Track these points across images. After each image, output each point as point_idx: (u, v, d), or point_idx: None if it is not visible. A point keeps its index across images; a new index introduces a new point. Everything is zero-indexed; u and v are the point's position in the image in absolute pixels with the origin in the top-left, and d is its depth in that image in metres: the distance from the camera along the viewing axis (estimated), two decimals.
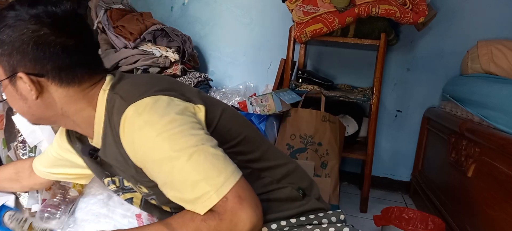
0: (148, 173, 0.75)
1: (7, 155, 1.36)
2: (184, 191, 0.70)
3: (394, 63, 2.38)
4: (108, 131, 0.77)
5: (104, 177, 0.93)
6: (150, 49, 2.01)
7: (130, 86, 0.78)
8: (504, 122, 1.38)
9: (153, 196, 0.84)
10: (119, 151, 0.76)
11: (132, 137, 0.71)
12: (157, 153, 0.69)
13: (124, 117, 0.71)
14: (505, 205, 1.22)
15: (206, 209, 0.68)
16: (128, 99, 0.73)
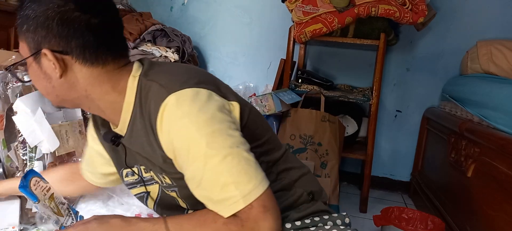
0: (177, 164, 0.74)
1: (7, 155, 1.35)
2: (211, 190, 0.70)
3: (394, 63, 2.38)
4: (138, 118, 0.76)
5: (123, 167, 0.90)
6: (150, 50, 2.01)
7: (168, 74, 0.75)
8: (504, 122, 1.38)
9: (175, 188, 0.81)
10: (148, 139, 0.75)
11: (170, 126, 0.69)
12: (193, 148, 0.68)
13: (164, 105, 0.69)
14: (504, 205, 1.23)
15: (230, 213, 0.68)
16: (168, 87, 0.71)
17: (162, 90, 0.71)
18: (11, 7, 1.87)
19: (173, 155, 0.73)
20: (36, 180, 0.79)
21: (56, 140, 1.35)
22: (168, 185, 0.81)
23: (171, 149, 0.72)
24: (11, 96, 1.35)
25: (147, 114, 0.73)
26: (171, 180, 0.80)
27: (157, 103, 0.70)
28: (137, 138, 0.78)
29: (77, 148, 1.43)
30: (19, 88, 1.36)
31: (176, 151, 0.71)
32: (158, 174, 0.81)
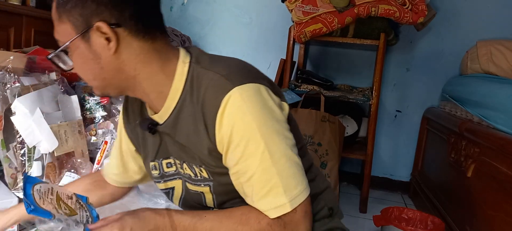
0: (226, 158, 0.72)
1: (6, 155, 1.35)
2: (260, 189, 0.69)
3: (394, 63, 2.38)
4: (187, 106, 0.73)
5: (151, 159, 0.86)
6: None
7: (226, 66, 0.73)
8: (504, 122, 1.38)
9: (210, 183, 0.78)
10: (196, 128, 0.72)
11: (233, 121, 0.67)
12: (252, 145, 0.68)
13: (228, 96, 0.67)
14: (504, 205, 1.22)
15: (276, 215, 0.69)
16: (231, 80, 0.68)
17: (225, 82, 0.68)
18: (11, 7, 1.87)
19: (226, 148, 0.70)
20: (37, 190, 0.72)
21: (55, 140, 1.34)
22: (203, 178, 0.78)
23: (225, 142, 0.69)
24: (10, 97, 1.35)
25: (199, 103, 0.71)
26: (208, 174, 0.77)
27: (218, 94, 0.68)
28: (182, 126, 0.75)
29: (76, 148, 1.43)
30: (18, 88, 1.36)
31: (232, 144, 0.69)
32: (195, 166, 0.78)
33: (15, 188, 1.34)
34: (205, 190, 0.80)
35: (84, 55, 0.71)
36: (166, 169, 0.85)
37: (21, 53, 1.52)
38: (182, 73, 0.74)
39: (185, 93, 0.73)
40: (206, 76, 0.71)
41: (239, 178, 0.71)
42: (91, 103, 1.60)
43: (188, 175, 0.80)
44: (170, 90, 0.74)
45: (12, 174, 1.36)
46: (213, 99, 0.68)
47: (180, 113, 0.75)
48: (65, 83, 1.58)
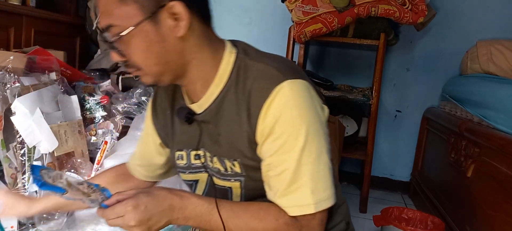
0: (261, 147, 0.72)
1: (6, 155, 1.35)
2: (288, 185, 0.69)
3: (394, 63, 2.38)
4: (231, 94, 0.73)
5: (182, 147, 0.85)
6: None
7: (275, 60, 0.74)
8: (504, 122, 1.38)
9: (241, 178, 0.77)
10: (239, 117, 0.72)
11: (280, 111, 0.67)
12: (292, 139, 0.68)
13: (279, 88, 0.67)
14: (504, 205, 1.22)
15: (297, 214, 0.69)
16: (283, 72, 0.69)
17: (277, 73, 0.69)
18: (11, 7, 1.87)
19: (265, 137, 0.70)
20: (46, 173, 0.70)
21: (54, 140, 1.34)
22: (234, 173, 0.77)
23: (266, 131, 0.69)
24: (10, 97, 1.35)
25: (246, 92, 0.71)
26: (241, 168, 0.76)
27: (269, 84, 0.68)
28: (224, 114, 0.75)
29: (76, 148, 1.43)
30: (18, 88, 1.36)
31: (273, 135, 0.69)
32: (227, 160, 0.77)
33: (15, 188, 1.34)
34: (234, 185, 0.79)
35: (149, 38, 0.68)
36: (193, 161, 0.84)
37: (21, 53, 1.52)
38: (228, 63, 0.75)
39: (230, 82, 0.74)
40: (255, 67, 0.72)
41: (270, 170, 0.71)
42: (91, 103, 1.60)
43: (217, 169, 0.79)
44: (215, 78, 0.74)
45: (12, 174, 1.36)
46: (262, 89, 0.68)
47: (223, 101, 0.75)
48: (65, 83, 1.58)
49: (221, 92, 0.75)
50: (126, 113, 1.64)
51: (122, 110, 1.64)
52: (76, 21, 2.32)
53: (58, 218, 1.27)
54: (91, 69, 2.05)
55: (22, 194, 0.80)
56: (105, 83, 1.77)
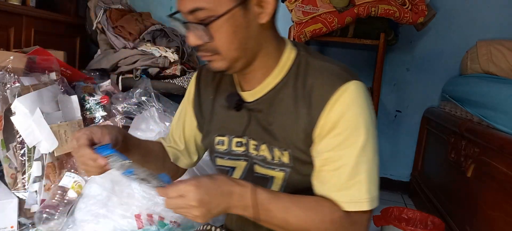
0: (318, 143, 0.74)
1: (6, 155, 1.35)
2: (345, 181, 0.71)
3: (394, 63, 2.38)
4: (289, 87, 0.76)
5: (224, 133, 0.86)
6: (150, 50, 2.01)
7: (338, 62, 0.78)
8: (504, 122, 1.38)
9: (287, 169, 0.79)
10: (296, 110, 0.75)
11: (345, 108, 0.71)
12: (353, 137, 0.71)
13: (346, 86, 0.71)
14: (504, 205, 1.22)
15: (352, 209, 0.71)
16: (349, 72, 0.74)
17: (343, 72, 0.73)
18: (11, 7, 1.87)
19: (325, 133, 0.72)
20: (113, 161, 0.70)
21: (54, 140, 1.35)
22: (280, 163, 0.79)
23: (328, 127, 0.72)
24: (10, 97, 1.35)
25: (306, 87, 0.74)
26: (290, 159, 0.78)
27: (335, 82, 0.72)
28: (278, 105, 0.77)
29: None
30: (18, 88, 1.36)
31: (334, 131, 0.71)
32: (277, 149, 0.79)
33: (15, 188, 1.34)
34: (277, 175, 0.81)
35: (237, 23, 0.71)
36: (234, 147, 0.85)
37: (21, 53, 1.52)
38: (289, 58, 0.78)
39: (289, 75, 0.77)
40: (318, 65, 0.76)
41: (327, 165, 0.73)
42: (91, 103, 1.60)
43: (263, 157, 0.81)
44: (274, 70, 0.78)
45: (12, 174, 1.36)
46: (328, 85, 0.72)
47: (279, 93, 0.78)
48: (65, 83, 1.58)
49: (278, 84, 0.78)
50: (126, 113, 1.64)
51: (122, 110, 1.64)
52: (76, 21, 2.32)
53: (58, 218, 1.27)
54: (91, 69, 2.05)
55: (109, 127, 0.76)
56: (105, 83, 1.77)
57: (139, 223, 1.26)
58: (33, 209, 1.34)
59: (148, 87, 1.72)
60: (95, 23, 2.11)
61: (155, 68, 1.99)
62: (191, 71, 2.16)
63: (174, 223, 1.32)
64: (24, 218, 1.33)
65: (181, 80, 2.03)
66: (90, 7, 2.16)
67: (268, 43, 0.77)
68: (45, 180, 1.36)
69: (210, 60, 0.76)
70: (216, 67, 0.76)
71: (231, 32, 0.71)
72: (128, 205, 1.29)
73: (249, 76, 0.80)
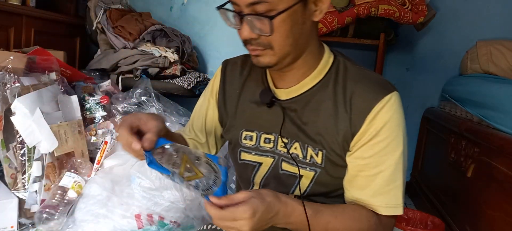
0: (357, 148, 0.76)
1: (6, 155, 1.35)
2: (383, 186, 0.75)
3: (394, 63, 2.38)
4: (328, 89, 0.79)
5: (253, 128, 0.87)
6: (150, 50, 2.01)
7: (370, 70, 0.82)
8: (503, 122, 1.38)
9: (318, 169, 0.80)
10: (336, 113, 0.77)
11: (388, 118, 0.74)
12: (393, 145, 0.75)
13: (389, 97, 0.74)
14: (504, 205, 1.22)
15: (388, 213, 0.75)
16: (388, 82, 0.78)
17: (386, 83, 0.78)
18: (11, 7, 1.87)
19: (366, 140, 0.75)
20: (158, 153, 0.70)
21: (54, 140, 1.35)
22: (312, 163, 0.80)
23: (370, 134, 0.75)
24: (10, 97, 1.35)
25: (347, 92, 0.77)
26: (323, 160, 0.80)
27: (378, 91, 0.75)
28: (316, 106, 0.79)
29: (76, 148, 1.43)
30: (18, 88, 1.36)
31: (376, 138, 0.74)
32: (311, 148, 0.80)
33: (15, 188, 1.34)
34: (306, 175, 0.82)
35: (295, 19, 0.72)
36: (262, 144, 0.86)
37: (21, 53, 1.52)
38: (328, 60, 0.82)
39: (328, 78, 0.80)
40: (357, 71, 0.80)
41: (365, 170, 0.76)
42: (91, 103, 1.60)
43: (295, 155, 0.82)
44: (314, 71, 0.80)
45: (12, 174, 1.36)
46: (371, 94, 0.75)
47: (317, 94, 0.80)
48: (65, 83, 1.58)
49: (315, 85, 0.80)
50: (126, 113, 1.64)
51: (122, 110, 1.64)
52: (76, 21, 2.32)
53: (58, 218, 1.27)
54: (91, 69, 2.05)
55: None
56: (105, 83, 1.77)
57: (139, 223, 1.26)
58: (33, 209, 1.34)
59: (148, 87, 1.72)
60: (95, 23, 2.11)
61: (155, 68, 1.99)
62: (191, 71, 2.16)
63: (174, 223, 1.32)
64: (24, 218, 1.33)
65: (181, 80, 2.03)
66: (90, 7, 2.16)
67: (314, 42, 0.79)
68: (45, 180, 1.36)
69: (258, 55, 0.76)
70: (264, 62, 0.77)
71: (289, 27, 0.72)
72: (128, 205, 1.29)
73: (288, 74, 0.82)
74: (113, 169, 1.41)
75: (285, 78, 0.82)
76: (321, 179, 0.81)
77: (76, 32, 2.33)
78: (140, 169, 1.36)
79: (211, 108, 0.95)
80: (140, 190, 1.31)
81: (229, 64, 0.95)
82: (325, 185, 0.81)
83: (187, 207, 1.33)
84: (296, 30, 0.73)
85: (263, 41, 0.73)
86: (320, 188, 0.81)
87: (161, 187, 1.33)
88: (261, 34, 0.72)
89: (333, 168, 0.79)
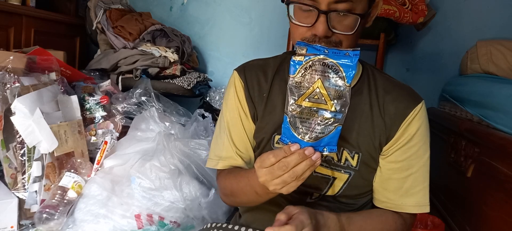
0: (392, 152, 0.82)
1: (6, 155, 1.35)
2: (414, 186, 0.81)
3: (393, 63, 2.38)
4: (363, 95, 0.83)
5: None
6: (149, 50, 2.01)
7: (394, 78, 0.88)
8: (504, 122, 1.38)
9: (352, 172, 0.83)
10: (372, 118, 0.82)
11: (420, 125, 0.81)
12: (423, 149, 0.82)
13: (420, 106, 0.82)
14: (504, 205, 1.22)
15: (417, 212, 0.82)
16: (415, 91, 0.85)
17: (415, 93, 0.85)
18: (11, 7, 1.87)
19: (401, 144, 0.81)
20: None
21: (54, 140, 1.35)
22: (347, 166, 0.83)
23: (405, 139, 0.81)
24: (10, 97, 1.35)
25: (380, 98, 0.82)
26: (358, 163, 0.83)
27: (411, 100, 0.82)
28: (353, 110, 0.82)
29: (76, 148, 1.43)
30: (18, 88, 1.36)
31: (410, 143, 0.81)
32: (347, 151, 0.83)
33: (15, 188, 1.34)
34: (341, 177, 0.84)
35: (362, 22, 0.77)
36: None
37: (21, 53, 1.52)
38: (360, 67, 0.86)
39: (361, 82, 0.84)
40: (385, 78, 0.85)
41: (397, 173, 0.82)
42: (91, 103, 1.60)
43: (330, 158, 0.84)
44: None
45: (12, 174, 1.36)
46: (404, 102, 0.82)
47: (353, 98, 0.79)
48: (65, 83, 1.58)
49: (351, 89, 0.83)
50: (126, 114, 1.64)
51: (122, 110, 1.64)
52: (76, 21, 2.32)
53: (58, 218, 1.27)
54: (91, 69, 2.05)
55: None
56: (105, 83, 1.77)
57: (139, 223, 1.26)
58: (33, 209, 1.34)
59: (148, 87, 1.72)
60: (95, 23, 2.11)
61: (155, 68, 1.99)
62: (191, 71, 2.16)
63: (174, 223, 1.32)
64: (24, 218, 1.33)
65: (181, 80, 2.03)
66: (90, 7, 2.16)
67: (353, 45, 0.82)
68: (45, 180, 1.36)
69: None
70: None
71: (360, 29, 0.78)
72: (128, 205, 1.29)
73: None
74: (113, 169, 1.41)
75: None
76: (354, 181, 0.84)
77: (76, 32, 2.33)
78: (140, 169, 1.36)
79: (244, 119, 0.91)
80: (140, 190, 1.31)
81: (247, 70, 0.91)
82: (357, 187, 0.85)
83: (187, 207, 1.33)
84: (359, 31, 0.78)
85: (335, 39, 0.75)
86: (352, 190, 0.85)
87: (161, 187, 1.33)
88: (342, 32, 0.74)
89: (367, 170, 0.83)
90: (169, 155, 1.38)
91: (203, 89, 2.17)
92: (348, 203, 0.87)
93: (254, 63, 0.93)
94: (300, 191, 0.84)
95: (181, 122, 1.68)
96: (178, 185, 1.33)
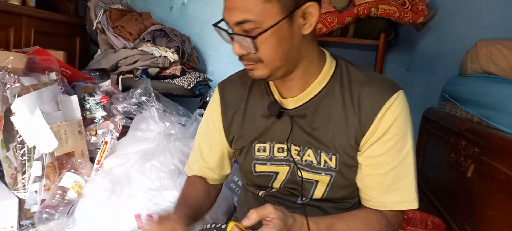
0: (368, 147, 0.78)
1: (6, 155, 1.35)
2: (395, 182, 0.78)
3: (394, 63, 2.38)
4: (335, 93, 0.80)
5: (265, 140, 0.87)
6: (150, 50, 2.01)
7: (374, 71, 0.86)
8: (504, 122, 1.38)
9: (333, 174, 0.82)
10: (346, 116, 0.79)
11: (396, 116, 0.77)
12: (401, 142, 0.78)
13: (396, 95, 0.78)
14: (504, 205, 1.22)
15: (403, 208, 0.78)
16: (393, 82, 0.81)
17: (391, 83, 0.81)
18: (11, 7, 1.87)
19: (375, 138, 0.77)
20: None
21: (54, 140, 1.35)
22: (326, 168, 0.82)
23: (379, 132, 0.77)
24: (10, 97, 1.35)
25: (354, 94, 0.79)
26: (336, 163, 0.81)
27: (385, 91, 0.78)
28: (326, 111, 0.81)
29: (76, 148, 1.43)
30: (18, 88, 1.36)
31: (385, 137, 0.77)
32: (324, 153, 0.82)
33: (15, 188, 1.34)
34: (322, 179, 0.84)
35: (282, 35, 0.73)
36: (276, 153, 0.87)
37: (21, 53, 1.52)
38: (331, 66, 0.83)
39: (332, 82, 0.82)
40: (361, 73, 0.82)
41: (378, 168, 0.78)
42: (91, 103, 1.60)
43: (309, 162, 0.83)
44: (317, 78, 0.81)
45: (12, 174, 1.36)
46: (378, 94, 0.78)
47: (325, 99, 0.81)
48: (65, 83, 1.58)
49: (322, 90, 0.82)
50: (126, 114, 1.64)
51: (122, 110, 1.64)
52: (76, 21, 2.32)
53: (58, 218, 1.27)
54: (91, 69, 2.05)
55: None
56: (105, 83, 1.77)
57: (139, 223, 1.26)
58: (33, 209, 1.34)
59: (148, 87, 1.72)
60: (95, 23, 2.11)
61: (155, 68, 1.99)
62: (191, 71, 2.16)
63: None
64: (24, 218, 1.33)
65: (181, 80, 2.03)
66: (90, 7, 2.16)
67: (310, 52, 0.80)
68: (45, 180, 1.36)
69: (252, 69, 0.78)
70: (258, 75, 0.78)
71: (276, 43, 0.73)
72: (128, 205, 1.29)
73: (290, 83, 0.83)
74: (113, 169, 1.41)
75: (290, 87, 0.84)
76: (336, 182, 0.83)
77: (76, 32, 2.33)
78: (140, 169, 1.36)
79: (217, 131, 0.94)
80: (140, 190, 1.31)
81: (226, 84, 0.96)
82: (342, 188, 0.83)
83: None
84: (285, 45, 0.74)
85: (253, 57, 0.75)
86: (337, 191, 0.83)
87: (161, 187, 1.33)
88: (248, 51, 0.74)
89: (347, 170, 0.81)
90: (169, 155, 1.38)
91: (203, 89, 2.17)
92: (337, 206, 0.86)
93: (235, 76, 0.96)
94: (288, 193, 0.87)
95: (181, 122, 1.69)
96: (178, 185, 1.33)
